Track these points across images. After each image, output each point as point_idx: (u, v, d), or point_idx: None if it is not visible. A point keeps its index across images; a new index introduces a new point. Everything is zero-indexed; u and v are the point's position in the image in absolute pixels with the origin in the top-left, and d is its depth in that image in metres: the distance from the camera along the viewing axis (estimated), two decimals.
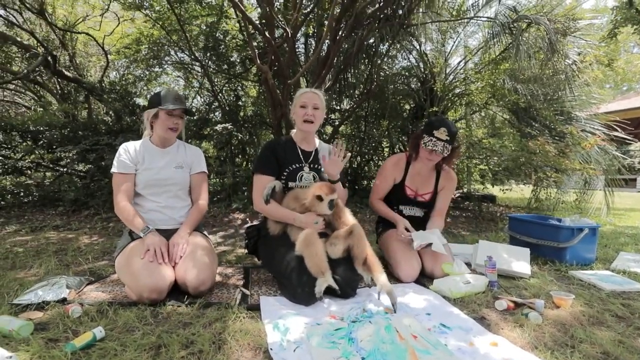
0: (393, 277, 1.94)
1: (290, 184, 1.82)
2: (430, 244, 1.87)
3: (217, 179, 5.60)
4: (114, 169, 1.70)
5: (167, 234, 1.73)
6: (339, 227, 1.70)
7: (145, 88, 8.62)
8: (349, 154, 1.80)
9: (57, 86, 6.39)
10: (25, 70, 5.12)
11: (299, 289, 1.50)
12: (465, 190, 5.71)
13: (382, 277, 1.52)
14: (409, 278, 1.86)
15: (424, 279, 1.94)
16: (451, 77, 5.70)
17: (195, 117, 6.10)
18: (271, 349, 1.17)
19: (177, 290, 1.57)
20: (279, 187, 1.77)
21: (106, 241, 2.85)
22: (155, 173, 1.72)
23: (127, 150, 1.72)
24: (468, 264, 2.26)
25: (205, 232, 1.91)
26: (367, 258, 1.59)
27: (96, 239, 2.92)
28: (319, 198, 1.66)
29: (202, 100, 7.72)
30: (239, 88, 7.19)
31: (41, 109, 6.33)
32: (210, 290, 1.64)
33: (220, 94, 6.73)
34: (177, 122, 1.73)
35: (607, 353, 1.23)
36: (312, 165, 1.89)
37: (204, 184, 1.91)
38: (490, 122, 6.47)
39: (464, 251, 2.48)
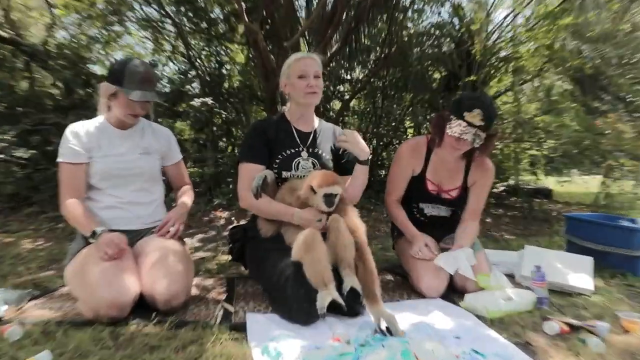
0: (414, 292, 1.96)
1: (285, 173, 1.83)
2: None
3: (195, 168, 5.65)
4: (60, 158, 1.72)
5: (132, 236, 1.76)
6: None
7: (102, 52, 8.61)
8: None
9: None
10: None
11: (296, 304, 1.52)
12: (511, 182, 5.69)
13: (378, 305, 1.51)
14: (434, 292, 1.87)
15: (453, 294, 1.95)
16: (495, 36, 5.62)
17: (162, 101, 6.10)
18: None
19: (143, 306, 1.60)
20: (271, 177, 1.79)
21: (54, 246, 2.90)
22: (116, 161, 1.75)
23: (77, 133, 1.73)
24: (511, 276, 2.26)
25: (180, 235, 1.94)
26: (364, 266, 1.59)
27: (41, 244, 2.98)
28: (312, 190, 1.67)
29: (176, 67, 7.73)
30: (222, 52, 7.18)
31: None
32: (184, 305, 1.67)
33: (198, 60, 6.73)
34: (139, 110, 1.75)
35: None
36: (311, 150, 1.90)
37: (184, 171, 2.02)
38: (545, 95, 6.38)
39: (507, 259, 2.49)
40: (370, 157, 1.83)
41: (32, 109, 4.92)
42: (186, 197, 1.97)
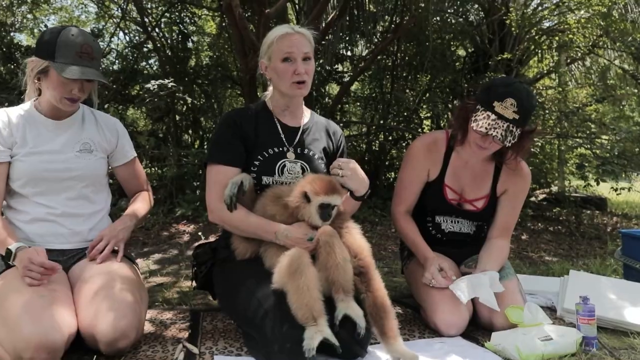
0: (428, 328, 1.98)
1: (266, 179, 1.83)
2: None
3: (152, 169, 5.65)
4: None
5: (67, 257, 1.76)
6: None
7: (29, 17, 8.59)
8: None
9: None
10: None
11: (277, 344, 1.52)
12: (554, 189, 5.74)
13: (397, 341, 1.56)
14: (452, 329, 1.89)
15: (477, 331, 1.95)
16: (535, 2, 5.70)
17: (108, 83, 6.04)
18: None
19: (81, 347, 1.60)
20: (249, 183, 1.80)
21: None
22: (47, 160, 1.74)
23: None
24: (551, 309, 2.27)
25: (131, 256, 1.94)
26: (374, 296, 1.62)
27: None
28: (305, 197, 1.68)
29: (127, 39, 7.74)
30: (188, 21, 7.20)
31: None
32: (134, 346, 1.67)
33: (156, 30, 6.74)
34: (78, 92, 1.72)
35: None
36: (299, 150, 1.91)
37: (140, 172, 2.04)
38: (599, 78, 6.47)
39: (546, 288, 2.51)
40: (369, 192, 1.85)
41: None
42: (139, 205, 1.97)
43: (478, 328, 1.99)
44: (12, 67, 5.20)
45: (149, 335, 1.86)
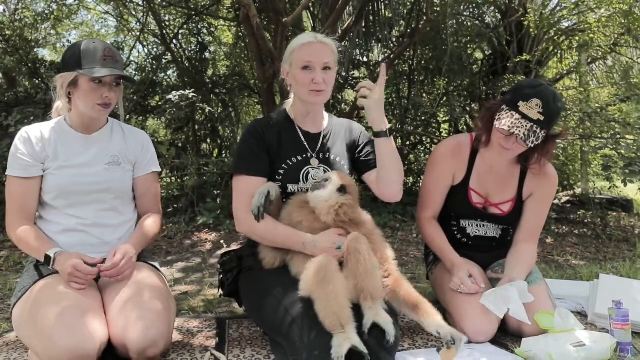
0: None
1: (291, 187, 1.85)
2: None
3: (173, 179, 5.73)
4: (8, 171, 1.76)
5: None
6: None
7: (52, 33, 8.80)
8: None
9: None
10: None
11: (305, 352, 1.51)
12: (578, 191, 5.64)
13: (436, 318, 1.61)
14: (481, 336, 1.86)
15: (506, 337, 1.93)
16: (553, 2, 5.63)
17: (136, 83, 6.17)
18: None
19: (112, 355, 1.62)
20: (276, 193, 1.81)
21: None
22: (77, 174, 1.78)
23: (28, 139, 1.77)
24: (581, 314, 2.23)
25: (156, 264, 1.97)
26: (404, 291, 1.65)
27: None
28: (341, 189, 1.71)
29: (146, 51, 7.88)
30: (205, 32, 7.31)
31: None
32: (163, 354, 1.69)
33: (175, 42, 6.85)
34: (109, 94, 1.77)
35: None
36: (322, 156, 1.92)
37: (155, 191, 1.97)
38: (622, 77, 6.35)
39: (575, 292, 2.47)
40: (390, 127, 1.82)
41: None
42: (150, 224, 1.92)
43: (506, 334, 1.96)
44: (37, 82, 5.33)
45: (177, 343, 1.88)
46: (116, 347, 1.61)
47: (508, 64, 5.81)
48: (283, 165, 1.86)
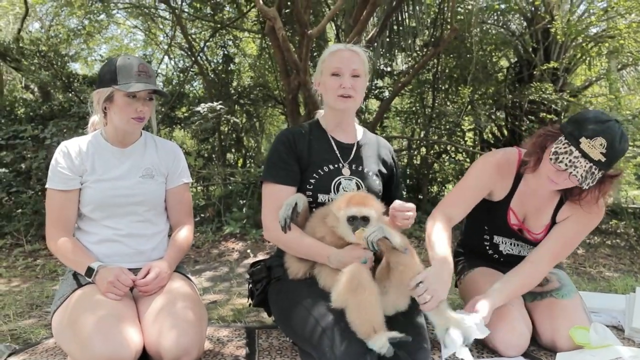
0: (486, 348, 1.93)
1: (321, 197, 1.86)
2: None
3: (200, 188, 5.83)
4: (48, 184, 1.83)
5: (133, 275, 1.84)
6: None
7: (84, 47, 9.09)
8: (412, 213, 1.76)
9: None
10: None
11: None
12: (610, 200, 5.50)
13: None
14: (512, 350, 1.83)
15: (539, 351, 1.90)
16: (580, 9, 5.55)
17: (168, 96, 6.29)
18: None
19: None
20: (304, 204, 1.82)
21: (33, 287, 3.05)
22: (113, 187, 1.84)
23: (68, 153, 1.84)
24: (617, 328, 2.18)
25: (188, 274, 2.00)
26: None
27: (18, 285, 3.14)
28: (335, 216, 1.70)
29: (173, 63, 8.08)
30: (230, 44, 7.44)
31: None
32: None
33: (201, 54, 7.00)
34: (142, 108, 1.82)
35: None
36: (354, 167, 1.93)
37: (187, 201, 2.02)
38: None
39: (611, 306, 2.40)
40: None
41: (3, 119, 5.18)
42: (183, 237, 1.97)
43: (540, 348, 1.93)
44: (71, 95, 5.50)
45: (208, 352, 1.90)
46: (151, 355, 1.65)
47: (534, 72, 5.74)
48: (314, 175, 1.87)
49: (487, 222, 2.07)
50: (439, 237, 1.83)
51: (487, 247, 2.11)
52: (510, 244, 2.07)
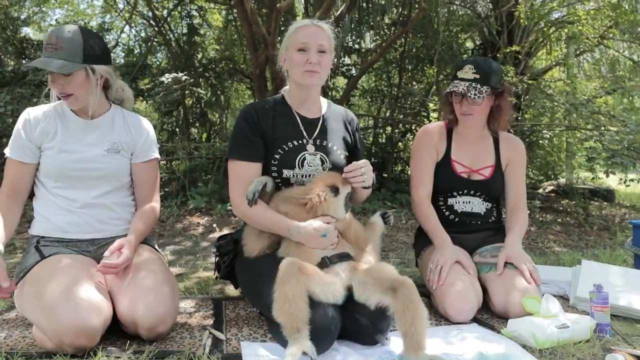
0: (438, 314, 2.04)
1: (286, 172, 1.88)
2: None
3: (164, 163, 5.72)
4: (6, 151, 1.78)
5: (97, 246, 1.83)
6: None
7: (36, 10, 8.62)
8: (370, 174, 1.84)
9: None
10: None
11: None
12: (562, 181, 5.77)
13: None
14: (461, 315, 1.96)
15: (492, 318, 2.02)
16: None
17: (120, 63, 6.10)
18: None
19: (116, 331, 1.67)
20: (272, 186, 1.86)
21: None
22: (75, 159, 1.78)
23: (29, 121, 1.78)
24: (563, 298, 2.33)
25: (155, 246, 2.01)
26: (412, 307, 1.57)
27: None
28: (334, 189, 1.76)
29: (135, 33, 7.78)
30: (196, 13, 7.23)
31: None
32: (168, 331, 1.75)
33: (165, 24, 6.78)
34: (63, 84, 1.71)
35: None
36: (318, 142, 1.95)
37: (154, 177, 1.97)
38: (608, 69, 6.46)
39: (559, 277, 2.57)
40: (375, 181, 1.96)
41: None
42: (149, 215, 1.93)
43: (493, 316, 2.05)
44: (25, 61, 5.24)
45: (176, 323, 1.91)
46: (125, 324, 1.65)
47: (498, 54, 5.88)
48: (279, 150, 1.88)
49: (440, 183, 2.30)
50: (436, 220, 2.24)
51: (444, 209, 2.33)
52: (463, 202, 2.31)
